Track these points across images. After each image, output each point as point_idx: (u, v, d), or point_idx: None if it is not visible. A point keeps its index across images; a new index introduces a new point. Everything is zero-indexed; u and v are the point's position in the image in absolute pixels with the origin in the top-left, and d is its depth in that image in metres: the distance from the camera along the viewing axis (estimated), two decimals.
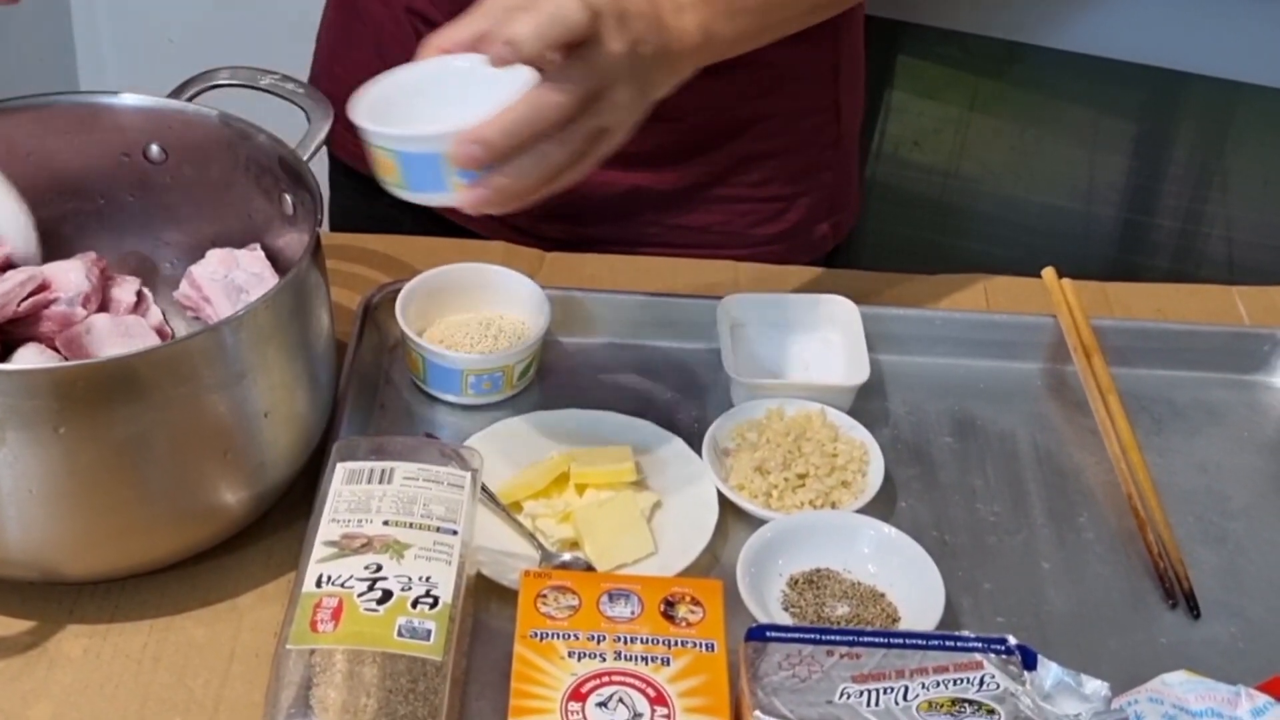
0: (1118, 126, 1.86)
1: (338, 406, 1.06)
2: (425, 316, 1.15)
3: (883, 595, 0.98)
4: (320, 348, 1.01)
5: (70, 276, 1.05)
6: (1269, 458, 1.14)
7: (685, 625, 0.89)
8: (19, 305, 1.03)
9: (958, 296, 1.27)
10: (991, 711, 0.84)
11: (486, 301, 1.17)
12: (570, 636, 0.88)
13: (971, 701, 0.84)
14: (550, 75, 0.87)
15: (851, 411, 1.12)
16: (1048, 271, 1.23)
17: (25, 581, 0.96)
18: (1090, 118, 1.85)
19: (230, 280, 1.06)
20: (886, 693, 0.84)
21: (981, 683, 0.85)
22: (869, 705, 0.84)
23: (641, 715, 0.84)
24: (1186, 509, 1.09)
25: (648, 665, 0.87)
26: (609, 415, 1.10)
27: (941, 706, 0.84)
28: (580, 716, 0.84)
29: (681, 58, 0.96)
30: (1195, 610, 1.01)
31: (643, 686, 0.85)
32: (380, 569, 0.88)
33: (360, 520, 0.90)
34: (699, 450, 1.07)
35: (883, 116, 1.93)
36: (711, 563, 1.01)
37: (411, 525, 0.90)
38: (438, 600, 0.87)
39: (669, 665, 0.87)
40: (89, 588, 0.97)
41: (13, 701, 0.90)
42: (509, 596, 0.93)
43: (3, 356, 1.03)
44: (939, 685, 0.85)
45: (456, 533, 0.90)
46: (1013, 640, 0.88)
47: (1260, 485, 1.12)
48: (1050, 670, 0.86)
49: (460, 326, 1.15)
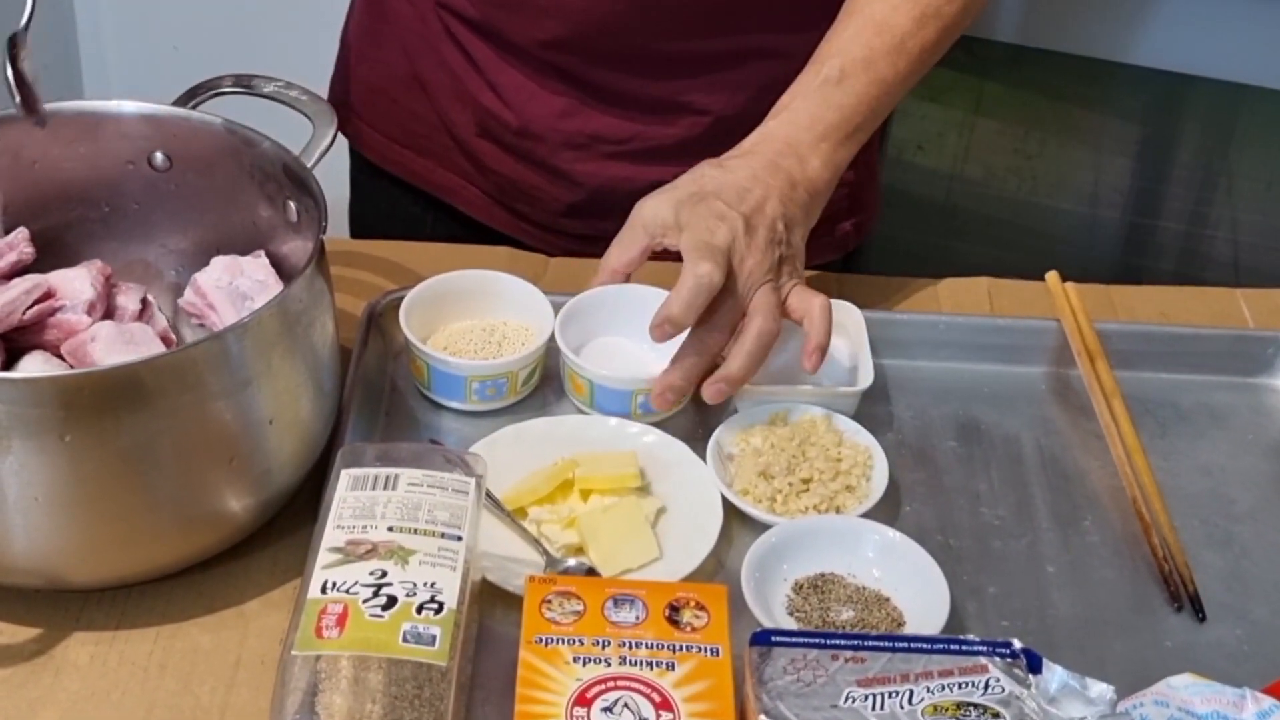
0: (1122, 129, 1.85)
1: (342, 413, 1.06)
2: (429, 323, 1.15)
3: (887, 599, 0.98)
4: (325, 354, 1.01)
5: (75, 284, 1.05)
6: (1274, 460, 1.14)
7: (690, 630, 0.89)
8: (24, 313, 1.03)
9: (962, 300, 1.27)
10: (997, 715, 0.84)
11: (490, 308, 1.17)
12: (575, 642, 0.88)
13: (976, 705, 0.84)
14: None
15: (856, 416, 1.12)
16: (1052, 275, 1.23)
17: (31, 589, 0.96)
18: (1094, 121, 1.85)
19: (235, 287, 1.06)
20: (891, 697, 0.84)
21: (986, 686, 0.85)
22: (874, 709, 0.84)
23: None
24: (1191, 512, 1.09)
25: (653, 670, 0.87)
26: (613, 420, 1.10)
27: (946, 710, 0.84)
28: None
29: (818, 196, 1.12)
30: (1200, 613, 1.01)
31: (648, 692, 0.85)
32: (385, 575, 0.88)
33: (365, 526, 0.90)
34: (703, 455, 1.07)
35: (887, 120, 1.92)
36: (716, 568, 1.01)
37: (416, 531, 0.90)
38: (443, 606, 0.87)
39: (674, 670, 0.87)
40: (95, 595, 0.97)
41: (19, 709, 0.90)
42: (514, 602, 0.93)
43: (8, 365, 1.03)
44: (944, 689, 0.85)
45: (461, 539, 0.91)
46: (1018, 644, 0.88)
47: (1265, 488, 1.12)
48: (1055, 674, 0.86)
49: (464, 333, 1.15)
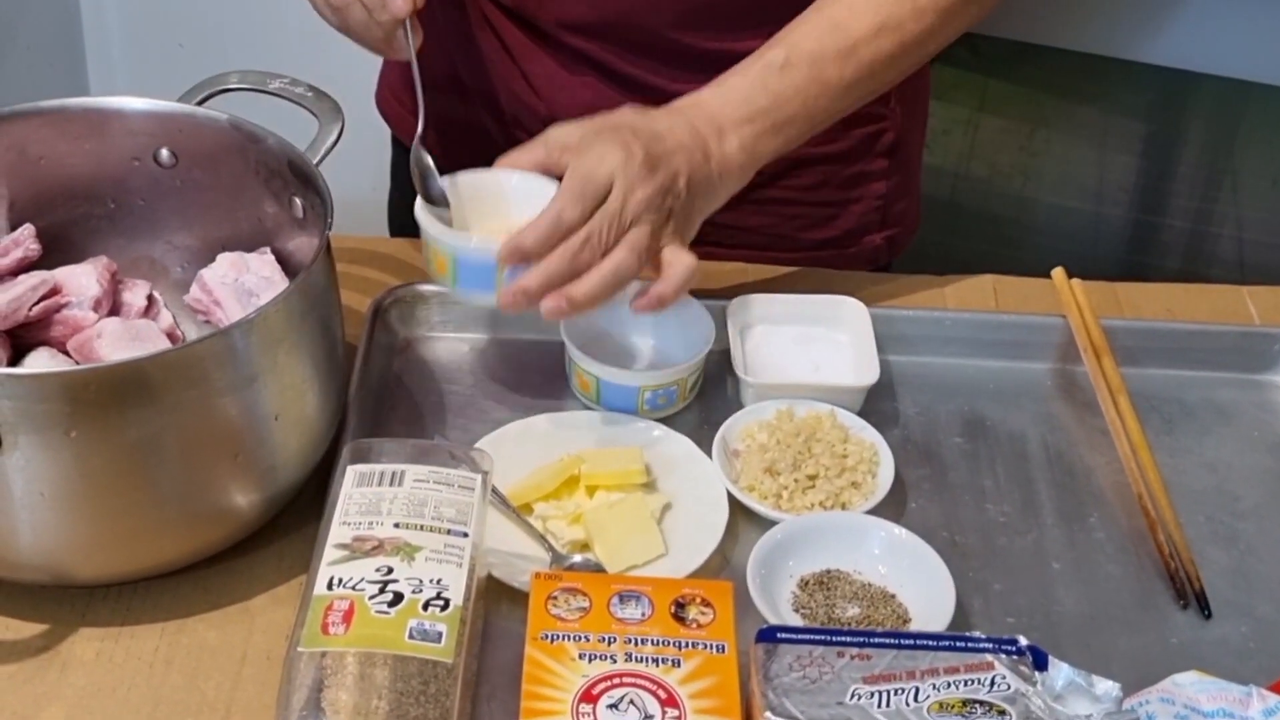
0: (1127, 126, 1.85)
1: (348, 409, 1.06)
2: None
3: (893, 596, 0.98)
4: (331, 351, 1.01)
5: (81, 281, 1.05)
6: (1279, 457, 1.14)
7: (696, 627, 0.89)
8: (30, 310, 1.03)
9: (967, 297, 1.27)
10: (1002, 712, 0.84)
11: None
12: (581, 638, 0.88)
13: (982, 702, 0.84)
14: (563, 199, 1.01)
15: (861, 412, 1.12)
16: (1057, 272, 1.23)
17: (38, 585, 0.96)
18: (1100, 118, 1.84)
19: (240, 284, 1.06)
20: (897, 694, 0.84)
21: (992, 683, 0.85)
22: (880, 706, 0.84)
23: (652, 717, 0.84)
24: (1197, 509, 1.09)
25: (658, 667, 0.87)
26: (619, 416, 1.10)
27: (952, 707, 0.84)
28: (591, 718, 0.84)
29: (727, 178, 1.09)
30: (1206, 610, 1.01)
31: (654, 688, 0.85)
32: (391, 571, 0.88)
33: (371, 523, 0.90)
34: (709, 452, 1.07)
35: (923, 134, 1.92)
36: (722, 564, 1.01)
37: (422, 528, 0.90)
38: (449, 602, 0.87)
39: (680, 667, 0.87)
40: (101, 591, 0.97)
41: (25, 704, 0.91)
42: (520, 598, 0.93)
43: (14, 361, 1.03)
44: (950, 686, 0.85)
45: (467, 535, 0.91)
46: (1023, 641, 0.88)
47: (1271, 485, 1.12)
48: (1061, 671, 0.86)
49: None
